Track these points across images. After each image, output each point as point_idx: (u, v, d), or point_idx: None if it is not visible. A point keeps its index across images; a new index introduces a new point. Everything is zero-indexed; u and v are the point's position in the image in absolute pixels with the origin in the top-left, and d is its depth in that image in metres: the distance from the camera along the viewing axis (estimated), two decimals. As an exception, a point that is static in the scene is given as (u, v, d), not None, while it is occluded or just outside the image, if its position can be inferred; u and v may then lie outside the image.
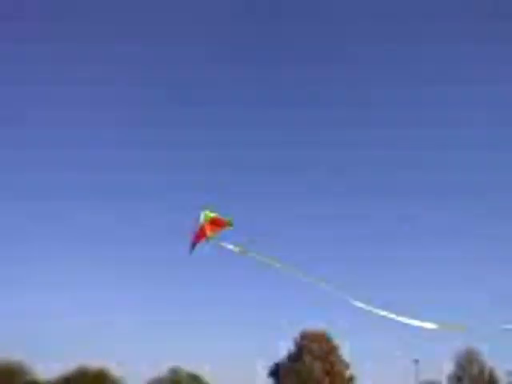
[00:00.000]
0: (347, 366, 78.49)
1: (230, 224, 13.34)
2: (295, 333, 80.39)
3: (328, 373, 76.62)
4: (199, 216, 13.20)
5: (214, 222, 13.26)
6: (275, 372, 79.69)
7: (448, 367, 76.04)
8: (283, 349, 79.50)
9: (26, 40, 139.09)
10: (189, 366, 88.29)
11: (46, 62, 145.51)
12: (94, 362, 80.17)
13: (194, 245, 13.43)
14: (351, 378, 78.29)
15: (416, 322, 12.02)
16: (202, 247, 13.46)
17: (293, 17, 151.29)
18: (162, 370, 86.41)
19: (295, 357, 78.24)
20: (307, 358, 76.78)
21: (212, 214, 13.24)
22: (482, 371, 72.65)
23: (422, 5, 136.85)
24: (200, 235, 13.31)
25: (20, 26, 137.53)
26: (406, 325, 11.93)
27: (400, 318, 12.01)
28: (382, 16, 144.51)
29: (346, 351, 78.56)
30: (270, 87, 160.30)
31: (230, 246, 13.20)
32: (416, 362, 73.82)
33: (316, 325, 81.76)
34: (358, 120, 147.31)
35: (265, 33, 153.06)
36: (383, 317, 11.99)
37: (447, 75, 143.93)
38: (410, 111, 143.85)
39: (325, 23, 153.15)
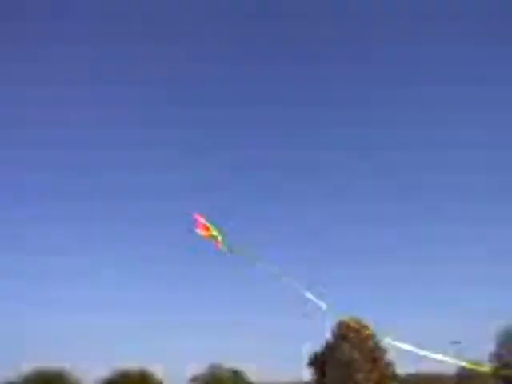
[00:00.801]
0: (385, 351, 78.54)
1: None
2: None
3: (367, 360, 76.70)
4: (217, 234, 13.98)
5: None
6: (314, 362, 79.99)
7: (490, 347, 76.04)
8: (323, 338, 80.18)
9: (27, 40, 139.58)
10: (230, 363, 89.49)
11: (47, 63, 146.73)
12: (135, 364, 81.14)
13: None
14: (390, 364, 78.28)
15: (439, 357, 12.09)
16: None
17: (299, 16, 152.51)
18: (201, 365, 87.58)
19: (334, 346, 78.36)
20: (346, 346, 76.85)
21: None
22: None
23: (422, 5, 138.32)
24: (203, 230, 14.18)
25: (20, 26, 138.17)
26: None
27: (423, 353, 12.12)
28: (385, 16, 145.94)
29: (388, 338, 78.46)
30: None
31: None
32: (456, 343, 73.98)
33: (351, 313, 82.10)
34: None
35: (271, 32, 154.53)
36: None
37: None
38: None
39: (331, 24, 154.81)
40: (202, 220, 14.17)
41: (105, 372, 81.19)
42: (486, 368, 45.90)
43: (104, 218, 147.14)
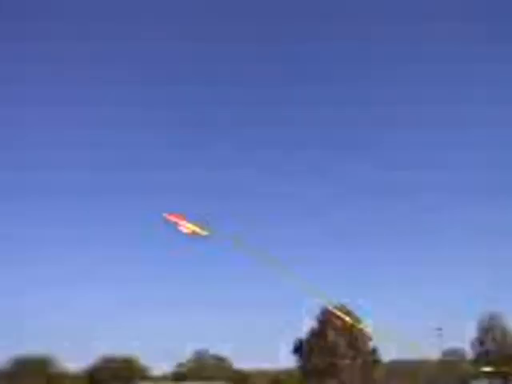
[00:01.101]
0: (370, 338, 79.06)
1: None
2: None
3: (351, 346, 77.17)
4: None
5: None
6: (299, 348, 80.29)
7: (471, 333, 76.78)
8: (307, 325, 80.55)
9: (26, 40, 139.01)
10: (212, 348, 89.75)
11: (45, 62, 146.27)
12: (120, 351, 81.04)
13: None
14: (374, 350, 78.86)
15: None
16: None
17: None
18: (186, 353, 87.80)
19: (318, 332, 78.74)
20: (330, 333, 77.26)
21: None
22: (504, 334, 73.51)
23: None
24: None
25: (21, 25, 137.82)
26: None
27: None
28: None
29: (367, 324, 79.25)
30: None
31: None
32: (439, 330, 74.60)
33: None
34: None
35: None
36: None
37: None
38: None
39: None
40: (174, 217, 14.38)
41: (91, 359, 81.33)
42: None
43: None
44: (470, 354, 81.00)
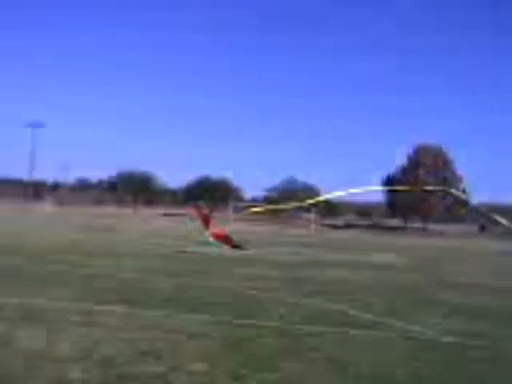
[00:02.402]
0: (461, 179, 78.22)
1: None
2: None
3: (441, 185, 76.60)
4: None
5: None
6: (388, 183, 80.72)
7: None
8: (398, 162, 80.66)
9: None
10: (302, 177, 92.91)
11: None
12: (215, 173, 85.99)
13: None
14: (464, 191, 78.11)
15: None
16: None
17: None
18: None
19: (408, 169, 78.47)
20: (421, 171, 76.87)
21: None
22: None
23: None
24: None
25: None
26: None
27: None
28: None
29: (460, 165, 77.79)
30: None
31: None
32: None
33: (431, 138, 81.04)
34: None
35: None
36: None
37: None
38: None
39: None
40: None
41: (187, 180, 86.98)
42: None
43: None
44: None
